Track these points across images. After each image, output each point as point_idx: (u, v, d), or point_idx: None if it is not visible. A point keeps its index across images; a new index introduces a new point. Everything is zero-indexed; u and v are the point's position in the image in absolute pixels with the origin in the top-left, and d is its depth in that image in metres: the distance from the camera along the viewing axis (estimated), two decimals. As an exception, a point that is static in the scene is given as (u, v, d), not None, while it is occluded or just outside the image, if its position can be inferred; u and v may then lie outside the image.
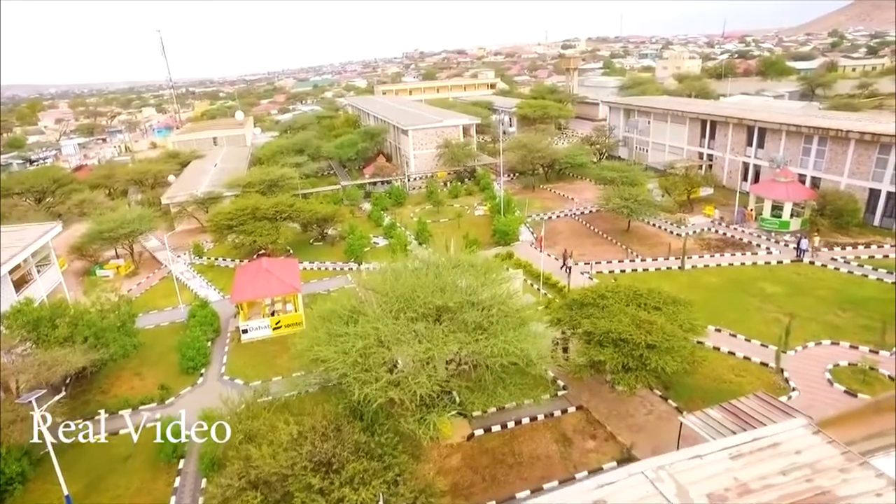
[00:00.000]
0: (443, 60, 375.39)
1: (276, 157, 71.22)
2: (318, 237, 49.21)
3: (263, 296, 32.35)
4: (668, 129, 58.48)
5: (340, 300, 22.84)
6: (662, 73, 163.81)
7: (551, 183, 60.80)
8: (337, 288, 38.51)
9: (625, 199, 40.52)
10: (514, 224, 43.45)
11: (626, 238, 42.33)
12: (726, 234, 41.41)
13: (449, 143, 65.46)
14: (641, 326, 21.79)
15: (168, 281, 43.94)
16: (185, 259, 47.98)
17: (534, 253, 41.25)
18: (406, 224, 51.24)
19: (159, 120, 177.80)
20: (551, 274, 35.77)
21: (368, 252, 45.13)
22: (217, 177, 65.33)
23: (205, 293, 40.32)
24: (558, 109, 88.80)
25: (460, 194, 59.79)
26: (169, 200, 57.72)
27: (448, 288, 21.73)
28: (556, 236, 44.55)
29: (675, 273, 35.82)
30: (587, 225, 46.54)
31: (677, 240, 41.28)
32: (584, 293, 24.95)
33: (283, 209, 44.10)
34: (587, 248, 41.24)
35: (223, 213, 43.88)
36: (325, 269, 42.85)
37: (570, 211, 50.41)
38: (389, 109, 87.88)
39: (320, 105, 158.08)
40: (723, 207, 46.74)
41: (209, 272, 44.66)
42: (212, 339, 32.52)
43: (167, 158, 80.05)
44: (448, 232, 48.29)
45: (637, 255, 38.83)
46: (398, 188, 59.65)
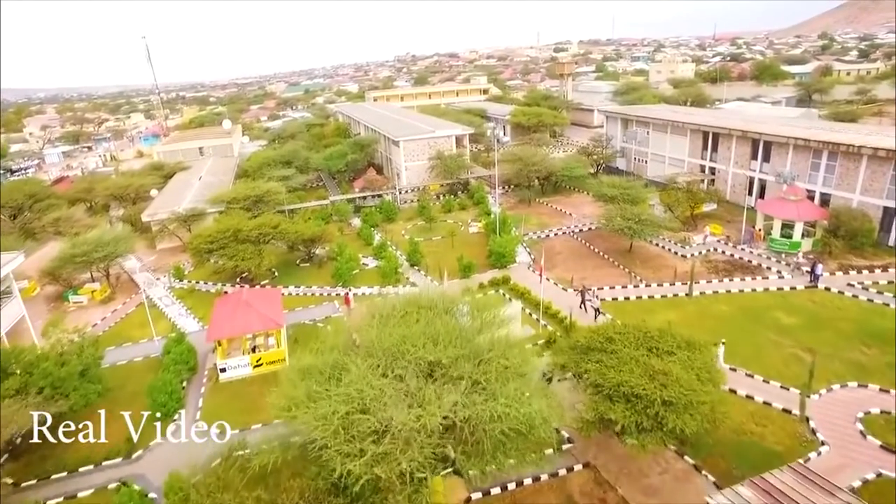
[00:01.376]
0: (435, 64, 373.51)
1: (263, 169, 68.83)
2: (304, 258, 46.88)
3: (242, 332, 29.98)
4: (669, 140, 56.54)
5: (324, 349, 20.49)
6: (656, 76, 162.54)
7: (548, 196, 58.72)
8: (324, 318, 36.30)
9: (627, 219, 38.42)
10: (511, 245, 41.29)
11: (629, 259, 40.24)
12: (734, 256, 39.34)
13: (441, 154, 63.33)
14: (656, 378, 19.63)
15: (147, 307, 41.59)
16: (165, 282, 45.50)
17: (532, 277, 39.09)
18: (397, 243, 49.01)
19: (147, 127, 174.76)
20: (551, 302, 33.58)
21: (358, 274, 42.92)
22: (202, 191, 62.90)
23: (183, 323, 37.93)
24: (553, 117, 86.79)
25: (453, 209, 57.62)
26: (150, 218, 55.20)
27: (441, 338, 19.51)
28: (554, 257, 42.42)
29: (682, 301, 33.70)
30: (587, 244, 44.43)
31: (682, 261, 39.23)
32: (591, 336, 22.73)
33: (266, 231, 41.71)
34: (588, 272, 39.11)
35: (203, 236, 41.45)
36: (311, 295, 40.49)
37: (568, 228, 48.29)
38: (380, 118, 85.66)
39: (311, 111, 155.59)
40: (728, 224, 44.79)
41: (189, 298, 42.18)
42: (187, 378, 30.17)
43: (150, 170, 77.36)
44: (441, 251, 46.16)
45: (641, 279, 36.71)
46: (389, 203, 57.41)
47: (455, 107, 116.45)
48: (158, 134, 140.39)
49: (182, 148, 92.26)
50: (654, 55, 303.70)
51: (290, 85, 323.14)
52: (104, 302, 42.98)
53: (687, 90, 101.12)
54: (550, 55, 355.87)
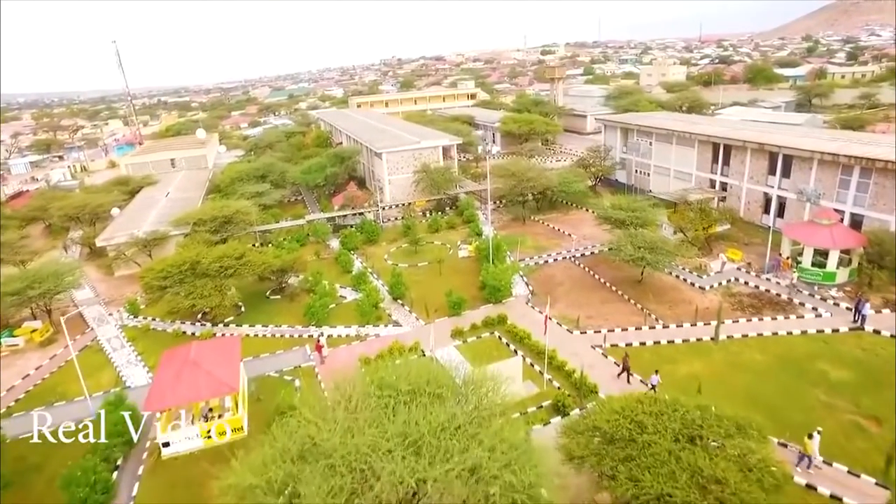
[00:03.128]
0: (421, 67, 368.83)
1: (235, 184, 63.56)
2: (275, 289, 41.85)
3: (188, 401, 24.93)
4: (674, 151, 52.15)
5: (269, 459, 15.48)
6: (647, 80, 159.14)
7: (543, 213, 54.06)
8: (292, 369, 31.30)
9: (639, 247, 33.76)
10: (506, 276, 36.54)
11: (640, 292, 35.59)
12: (758, 288, 34.79)
13: (427, 167, 58.56)
14: (708, 490, 14.99)
15: (92, 350, 36.36)
16: (117, 319, 40.27)
17: (532, 314, 34.38)
18: (379, 270, 44.09)
19: (124, 134, 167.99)
20: (556, 351, 28.83)
21: (335, 309, 37.98)
22: (168, 209, 57.59)
23: (130, 374, 32.78)
24: (545, 125, 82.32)
25: (441, 228, 52.82)
26: (105, 242, 49.83)
27: (427, 443, 14.67)
28: (555, 289, 37.73)
29: (707, 347, 29.07)
30: (590, 272, 39.77)
31: (700, 295, 34.65)
32: (615, 421, 17.97)
33: (229, 264, 36.52)
34: (595, 307, 34.43)
35: (155, 270, 36.23)
36: (279, 337, 35.44)
37: (568, 252, 43.63)
38: (362, 127, 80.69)
39: (292, 118, 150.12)
40: (745, 248, 40.36)
41: (142, 339, 36.97)
42: (124, 453, 25.05)
43: (114, 186, 71.73)
44: (427, 280, 41.37)
45: (657, 318, 32.06)
46: (370, 223, 52.43)
47: (442, 113, 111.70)
48: (133, 143, 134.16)
49: (152, 160, 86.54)
50: (642, 57, 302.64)
51: (275, 90, 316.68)
52: (44, 344, 37.70)
53: (683, 94, 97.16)
54: (537, 58, 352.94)
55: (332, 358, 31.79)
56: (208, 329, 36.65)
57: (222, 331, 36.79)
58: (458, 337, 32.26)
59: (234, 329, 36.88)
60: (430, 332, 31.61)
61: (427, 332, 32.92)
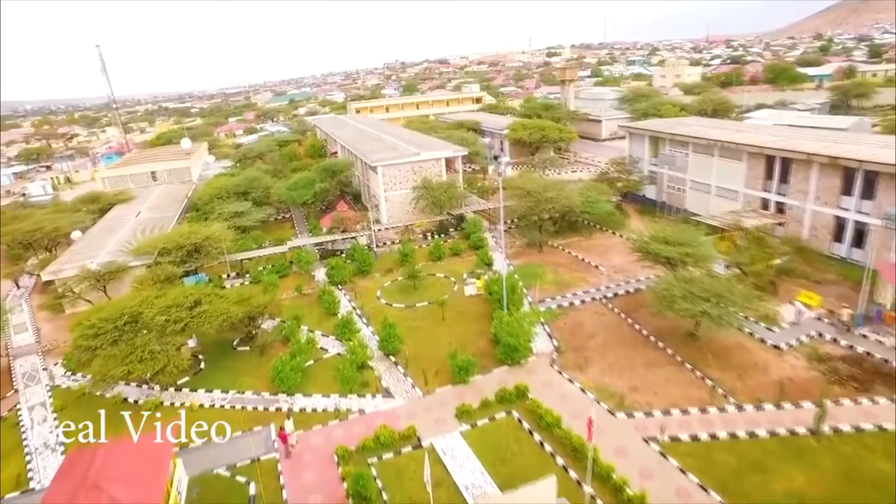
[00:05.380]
0: (424, 71, 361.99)
1: (214, 203, 56.38)
2: (244, 337, 34.55)
3: (77, 547, 17.51)
4: (716, 164, 44.43)
5: None
6: (661, 81, 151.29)
7: (562, 237, 46.46)
8: (248, 464, 23.90)
9: (697, 297, 26.00)
10: (525, 331, 29.04)
11: (695, 351, 27.97)
12: (854, 348, 27.04)
13: (429, 182, 51.19)
14: None
15: (7, 425, 29.15)
16: (49, 378, 33.13)
17: (559, 381, 26.91)
18: (369, 313, 36.70)
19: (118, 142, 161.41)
20: (597, 448, 21.19)
21: (312, 368, 30.66)
22: (134, 233, 50.49)
23: (42, 465, 25.53)
24: (559, 131, 74.68)
25: (444, 255, 45.34)
26: (52, 276, 42.69)
27: None
28: (586, 344, 30.15)
29: (806, 444, 21.31)
30: (627, 319, 32.17)
31: (777, 357, 26.93)
32: None
33: (178, 317, 29.08)
34: (639, 374, 26.85)
35: (85, 325, 28.88)
36: (240, 409, 28.06)
37: (596, 290, 36.07)
38: (357, 136, 73.45)
39: (289, 125, 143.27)
40: (819, 288, 32.52)
41: (73, 409, 29.74)
42: None
43: (82, 203, 64.72)
44: (427, 328, 34.05)
45: (725, 394, 24.42)
46: (362, 250, 45.00)
47: (446, 119, 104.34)
48: (122, 152, 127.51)
49: (131, 172, 79.61)
50: (650, 59, 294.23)
51: (276, 95, 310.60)
52: (-46, 414, 30.49)
53: (706, 97, 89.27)
54: (543, 60, 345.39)
55: (302, 448, 24.42)
56: (155, 397, 29.32)
57: (172, 398, 29.54)
58: (465, 419, 24.78)
59: (187, 396, 29.60)
60: (429, 408, 24.36)
61: (426, 407, 25.70)
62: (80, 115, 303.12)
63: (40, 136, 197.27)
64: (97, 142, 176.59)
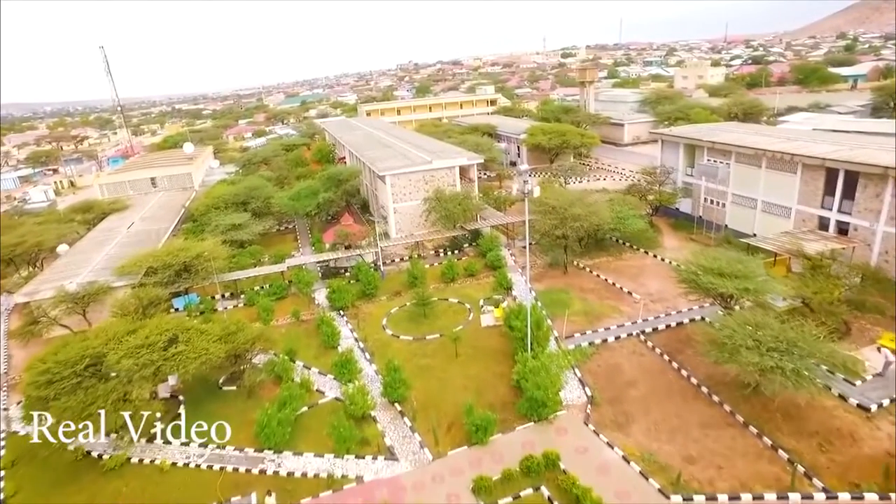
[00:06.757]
0: (438, 72, 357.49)
1: (211, 213, 52.52)
2: (231, 376, 30.42)
3: None
4: (763, 177, 39.57)
5: None
6: (682, 82, 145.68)
7: (590, 256, 41.85)
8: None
9: (771, 350, 21.13)
10: (554, 382, 24.53)
11: (759, 408, 23.24)
12: (957, 409, 22.26)
13: (441, 193, 46.85)
14: None
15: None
16: (4, 423, 29.26)
17: (596, 445, 22.35)
18: (373, 347, 32.39)
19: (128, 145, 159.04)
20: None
21: (305, 416, 26.45)
22: (124, 248, 46.66)
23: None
24: (580, 136, 69.94)
25: (458, 276, 40.92)
26: (27, 298, 38.90)
27: None
28: (623, 392, 25.55)
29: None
30: (671, 362, 27.51)
31: (865, 421, 22.17)
32: None
33: (149, 360, 24.86)
34: (693, 438, 22.20)
35: (39, 369, 24.81)
36: (219, 470, 23.85)
37: (632, 324, 31.42)
38: (366, 141, 69.20)
39: (297, 128, 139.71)
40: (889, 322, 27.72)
41: (22, 467, 25.79)
42: None
43: (74, 213, 61.16)
44: (438, 366, 29.66)
45: (808, 474, 19.70)
46: (367, 270, 40.72)
47: (459, 122, 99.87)
48: (128, 155, 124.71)
49: (130, 179, 76.16)
50: (667, 59, 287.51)
51: (289, 96, 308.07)
52: None
53: (735, 99, 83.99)
54: (558, 61, 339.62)
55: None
56: (122, 452, 25.16)
57: (143, 452, 25.44)
58: (484, 496, 20.33)
59: (159, 451, 25.48)
60: (440, 476, 20.03)
61: (436, 475, 21.35)
62: (95, 117, 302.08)
63: (51, 139, 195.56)
64: (107, 144, 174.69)
